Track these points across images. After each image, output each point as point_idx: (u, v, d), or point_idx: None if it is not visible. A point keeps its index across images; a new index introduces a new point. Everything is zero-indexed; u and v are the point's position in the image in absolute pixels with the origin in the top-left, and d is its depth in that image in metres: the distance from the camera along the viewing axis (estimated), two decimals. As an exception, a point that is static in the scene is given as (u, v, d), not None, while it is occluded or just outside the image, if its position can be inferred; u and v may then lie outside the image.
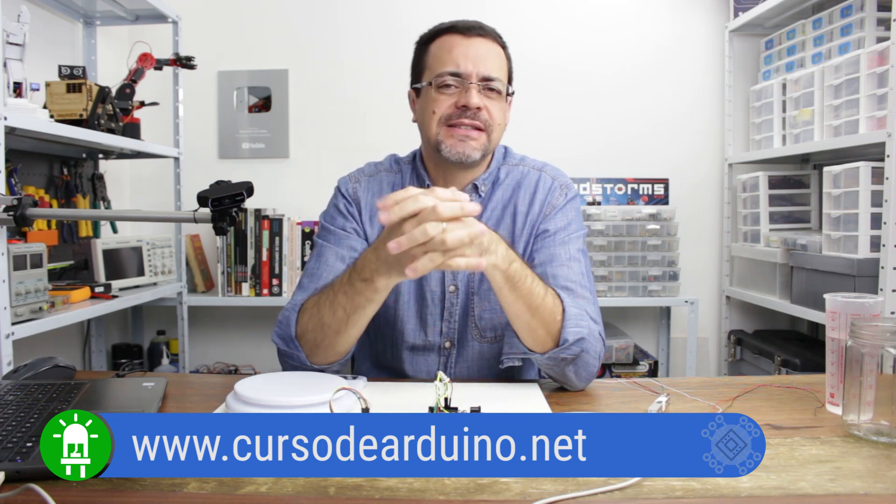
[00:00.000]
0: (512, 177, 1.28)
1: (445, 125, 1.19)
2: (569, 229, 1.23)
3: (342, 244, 1.23)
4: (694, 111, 2.74)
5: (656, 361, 2.52)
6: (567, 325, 1.04)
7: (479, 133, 1.19)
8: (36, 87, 1.79)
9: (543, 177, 1.28)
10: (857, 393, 0.87)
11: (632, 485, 0.72)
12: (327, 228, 1.27)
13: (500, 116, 1.21)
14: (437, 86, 1.19)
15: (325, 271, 1.19)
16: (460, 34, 1.20)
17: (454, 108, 1.18)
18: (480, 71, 1.18)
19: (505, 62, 1.23)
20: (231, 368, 2.65)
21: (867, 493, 0.71)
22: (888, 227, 1.73)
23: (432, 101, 1.19)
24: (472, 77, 1.17)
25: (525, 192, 1.26)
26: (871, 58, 1.89)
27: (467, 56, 1.18)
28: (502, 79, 1.21)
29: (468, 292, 1.24)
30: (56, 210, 2.09)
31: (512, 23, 2.68)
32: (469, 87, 1.17)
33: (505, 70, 1.23)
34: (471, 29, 1.20)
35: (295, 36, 2.75)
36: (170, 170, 2.48)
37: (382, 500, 0.69)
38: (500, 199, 1.27)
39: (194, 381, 1.24)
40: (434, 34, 1.24)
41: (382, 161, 1.34)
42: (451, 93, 1.18)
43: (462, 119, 1.17)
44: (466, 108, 1.16)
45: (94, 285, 2.01)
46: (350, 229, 1.25)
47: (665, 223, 2.50)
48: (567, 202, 1.26)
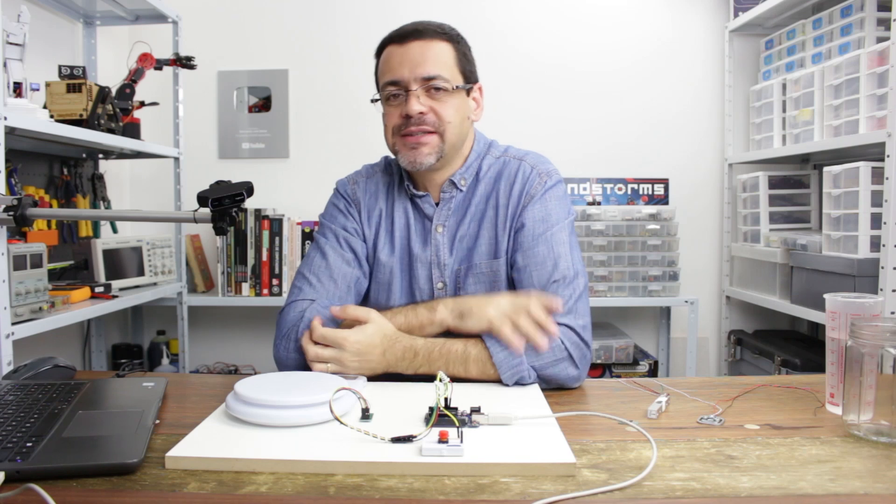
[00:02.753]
0: (494, 168, 1.29)
1: (399, 135, 1.21)
2: (548, 221, 1.22)
3: (344, 246, 1.27)
4: (694, 111, 2.74)
5: (656, 361, 2.52)
6: (502, 372, 1.09)
7: (431, 136, 1.20)
8: (36, 87, 1.79)
9: (523, 166, 1.27)
10: (857, 393, 0.87)
11: (632, 485, 0.72)
12: (329, 228, 1.30)
13: (450, 114, 1.21)
14: (385, 98, 1.22)
15: (334, 273, 1.24)
16: (396, 43, 1.21)
17: (401, 118, 1.20)
18: (418, 74, 1.18)
19: (452, 56, 1.22)
20: (231, 368, 2.65)
21: (867, 493, 0.71)
22: (888, 227, 1.73)
23: (385, 114, 1.24)
24: (409, 84, 1.18)
25: (506, 182, 1.26)
26: (871, 58, 1.89)
27: (402, 63, 1.19)
28: (445, 75, 1.20)
29: (455, 289, 1.25)
30: (56, 210, 2.09)
31: (512, 22, 2.68)
32: (409, 96, 1.19)
33: (452, 64, 1.22)
34: (407, 35, 1.21)
35: (295, 36, 2.75)
36: (170, 170, 2.48)
37: (382, 500, 0.69)
38: (482, 192, 1.27)
39: (194, 381, 1.24)
40: (381, 46, 1.25)
41: (377, 163, 1.37)
42: (398, 103, 1.21)
43: (410, 128, 1.19)
44: (409, 116, 1.18)
45: (94, 285, 2.01)
46: (351, 229, 1.29)
47: (665, 223, 2.50)
48: (546, 190, 1.24)
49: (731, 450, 0.83)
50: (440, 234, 1.26)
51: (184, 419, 0.94)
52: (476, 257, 1.24)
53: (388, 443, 0.80)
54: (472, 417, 0.88)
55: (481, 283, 1.24)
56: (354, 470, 0.75)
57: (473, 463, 0.76)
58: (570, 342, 1.12)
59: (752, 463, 0.78)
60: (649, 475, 0.75)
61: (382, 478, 0.74)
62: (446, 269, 1.25)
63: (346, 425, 0.82)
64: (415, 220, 1.28)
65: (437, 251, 1.25)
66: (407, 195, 1.29)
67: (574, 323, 1.14)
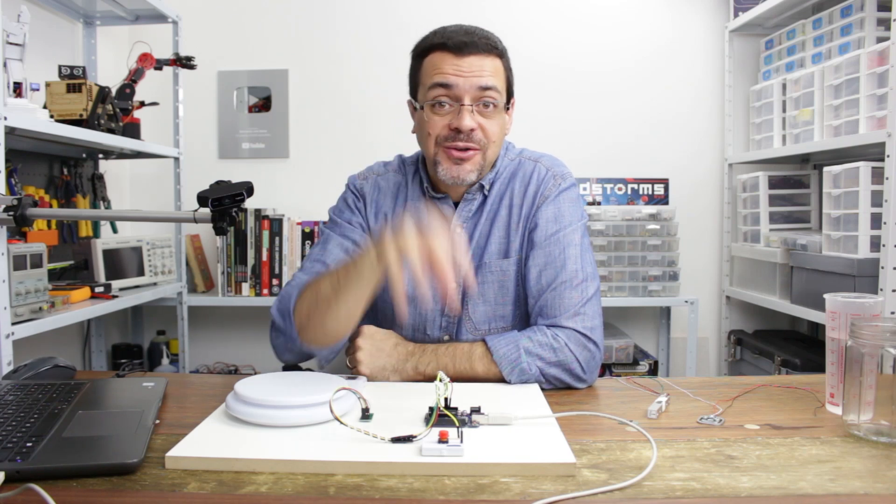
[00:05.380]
0: (509, 169, 1.29)
1: (442, 146, 1.20)
2: (561, 222, 1.23)
3: (347, 236, 1.28)
4: (694, 111, 2.74)
5: (656, 361, 2.52)
6: (504, 370, 1.10)
7: (475, 153, 1.19)
8: (36, 87, 1.79)
9: (539, 167, 1.28)
10: (857, 393, 0.87)
11: (632, 485, 0.72)
12: (334, 220, 1.32)
13: (496, 132, 1.20)
14: (431, 106, 1.19)
15: (328, 258, 1.24)
16: (452, 52, 1.16)
17: (448, 130, 1.18)
18: (473, 91, 1.16)
19: (502, 72, 1.21)
20: (231, 368, 2.65)
21: (867, 493, 0.71)
22: (888, 227, 1.73)
23: (427, 121, 1.20)
24: (464, 98, 1.16)
25: (520, 183, 1.27)
26: (871, 58, 1.89)
27: (459, 75, 1.16)
28: (497, 93, 1.18)
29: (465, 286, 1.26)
30: (56, 210, 2.09)
31: (512, 22, 2.69)
32: (461, 110, 1.16)
33: (502, 80, 1.20)
34: (463, 46, 1.16)
35: (295, 36, 2.75)
36: (170, 170, 2.48)
37: (382, 500, 0.69)
38: (497, 192, 1.28)
39: (194, 381, 1.24)
40: (427, 48, 1.20)
41: (391, 161, 1.37)
42: (445, 112, 1.18)
43: (456, 142, 1.18)
44: (459, 130, 1.17)
45: (94, 285, 2.01)
46: (355, 223, 1.30)
47: (665, 223, 2.50)
48: (560, 192, 1.25)
49: (731, 450, 0.83)
50: (458, 235, 1.26)
51: (184, 419, 0.94)
52: (487, 256, 1.25)
53: (388, 443, 0.80)
54: (472, 417, 0.88)
55: (490, 283, 1.25)
56: (354, 470, 0.75)
57: (473, 463, 0.75)
58: (574, 344, 1.12)
59: (752, 463, 0.78)
60: (649, 475, 0.75)
61: (382, 478, 0.74)
62: (461, 268, 1.25)
63: (346, 425, 0.82)
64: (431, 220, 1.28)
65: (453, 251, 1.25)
66: (424, 195, 1.29)
67: (580, 326, 1.15)
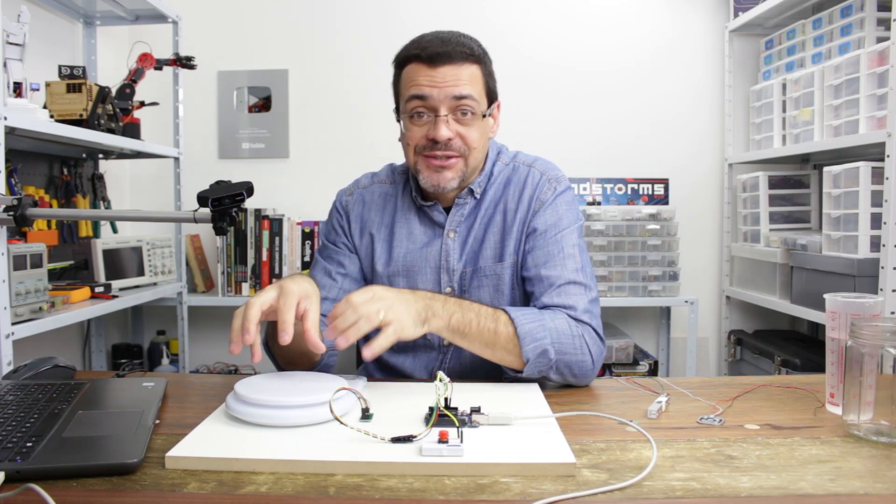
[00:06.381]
0: (503, 174, 1.29)
1: (422, 155, 1.20)
2: (560, 224, 1.23)
3: (332, 260, 1.30)
4: (694, 111, 2.74)
5: (656, 361, 2.52)
6: (524, 344, 1.08)
7: (456, 160, 1.19)
8: (36, 87, 1.79)
9: (533, 172, 1.28)
10: (857, 393, 0.87)
11: (632, 485, 0.72)
12: (323, 244, 1.35)
13: (475, 139, 1.20)
14: (409, 117, 1.19)
15: None
16: (425, 63, 1.16)
17: (426, 140, 1.18)
18: (448, 101, 1.16)
19: (479, 78, 1.20)
20: (231, 368, 2.65)
21: (867, 493, 0.71)
22: (888, 227, 1.73)
23: (407, 131, 1.20)
24: (439, 108, 1.16)
25: (515, 188, 1.27)
26: (871, 58, 1.89)
27: (433, 86, 1.15)
28: (474, 101, 1.17)
29: (461, 292, 1.27)
30: (56, 210, 2.09)
31: (512, 22, 2.68)
32: (437, 121, 1.16)
33: (479, 87, 1.19)
34: (436, 57, 1.15)
35: (295, 36, 2.75)
36: (170, 170, 2.48)
37: (382, 500, 0.69)
38: (491, 197, 1.28)
39: (194, 381, 1.24)
40: (404, 59, 1.20)
41: (379, 172, 1.37)
42: (423, 123, 1.18)
43: (435, 151, 1.18)
44: (436, 140, 1.17)
45: (94, 285, 2.01)
46: (340, 244, 1.32)
47: (665, 223, 2.50)
48: (556, 196, 1.25)
49: (731, 450, 0.83)
50: (451, 240, 1.26)
51: (184, 419, 0.94)
52: (482, 260, 1.26)
53: (388, 443, 0.80)
54: (472, 417, 0.88)
55: (485, 286, 1.26)
56: (354, 470, 0.75)
57: (473, 463, 0.76)
58: (589, 337, 1.14)
59: (752, 463, 0.78)
60: (649, 475, 0.75)
61: (382, 478, 0.74)
62: (455, 273, 1.26)
63: (346, 425, 0.82)
64: (422, 227, 1.29)
65: (447, 256, 1.26)
66: (415, 204, 1.29)
67: (592, 322, 1.17)
